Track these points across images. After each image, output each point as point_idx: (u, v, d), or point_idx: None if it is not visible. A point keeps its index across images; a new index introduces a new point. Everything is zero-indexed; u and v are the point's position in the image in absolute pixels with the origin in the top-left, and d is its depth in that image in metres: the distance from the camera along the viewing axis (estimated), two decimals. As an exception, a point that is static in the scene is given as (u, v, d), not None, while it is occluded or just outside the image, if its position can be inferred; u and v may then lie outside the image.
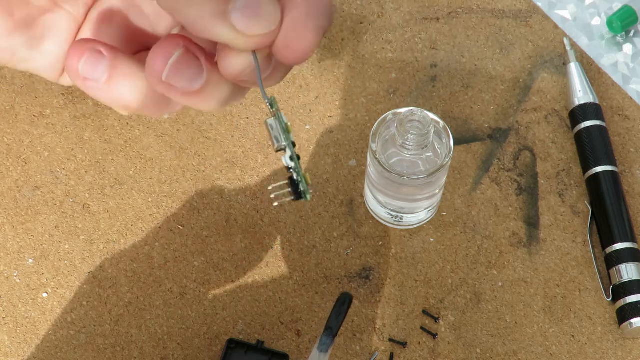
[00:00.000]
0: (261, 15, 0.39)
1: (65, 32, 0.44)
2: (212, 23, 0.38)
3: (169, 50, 0.41)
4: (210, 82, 0.42)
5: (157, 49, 0.41)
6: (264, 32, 0.39)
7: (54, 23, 0.44)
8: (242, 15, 0.38)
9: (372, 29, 0.57)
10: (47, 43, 0.44)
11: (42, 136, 0.53)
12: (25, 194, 0.51)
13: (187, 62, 0.41)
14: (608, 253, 0.50)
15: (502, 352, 0.48)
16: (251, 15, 0.38)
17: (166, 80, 0.41)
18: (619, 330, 0.49)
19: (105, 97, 0.43)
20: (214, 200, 0.52)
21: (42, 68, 0.44)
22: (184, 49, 0.41)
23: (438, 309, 0.49)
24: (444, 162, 0.46)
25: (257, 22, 0.38)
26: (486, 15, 0.58)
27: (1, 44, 0.42)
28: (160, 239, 0.50)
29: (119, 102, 0.44)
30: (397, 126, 0.45)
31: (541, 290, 0.50)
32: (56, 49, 0.44)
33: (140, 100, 0.44)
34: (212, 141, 0.53)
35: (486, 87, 0.56)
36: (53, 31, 0.44)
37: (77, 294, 0.49)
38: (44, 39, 0.43)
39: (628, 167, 0.53)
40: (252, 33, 0.38)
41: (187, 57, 0.41)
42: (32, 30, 0.43)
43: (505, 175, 0.53)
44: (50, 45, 0.44)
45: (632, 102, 0.55)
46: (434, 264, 0.50)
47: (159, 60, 0.41)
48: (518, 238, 0.51)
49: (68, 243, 0.50)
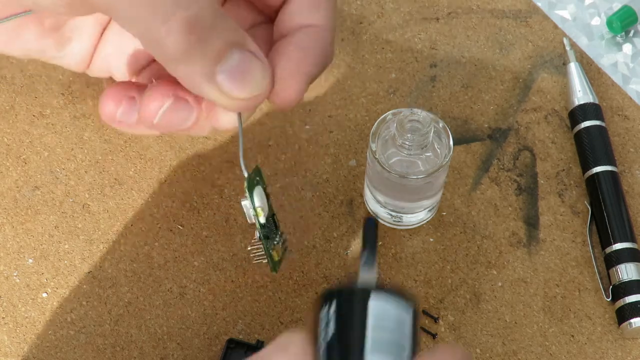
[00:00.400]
0: (247, 80, 0.39)
1: (90, 32, 0.47)
2: (200, 82, 0.39)
3: (160, 99, 0.42)
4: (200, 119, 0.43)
5: (148, 97, 0.42)
6: (249, 96, 0.39)
7: (80, 25, 0.46)
8: (228, 78, 0.38)
9: (372, 29, 0.57)
10: (74, 43, 0.46)
11: (42, 136, 0.53)
12: (25, 194, 0.51)
13: (177, 108, 0.42)
14: (607, 253, 0.50)
15: (502, 352, 0.48)
16: (237, 79, 0.38)
17: (157, 124, 0.42)
18: (618, 330, 0.49)
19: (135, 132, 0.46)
20: (214, 200, 0.52)
21: (69, 64, 0.47)
22: (174, 98, 0.42)
23: (437, 309, 0.49)
24: (443, 162, 0.46)
25: (242, 86, 0.38)
26: (486, 15, 0.58)
27: (33, 46, 0.45)
28: (160, 239, 0.50)
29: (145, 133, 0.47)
30: (396, 126, 0.45)
31: (541, 290, 0.50)
32: (82, 47, 0.47)
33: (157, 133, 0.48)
34: (212, 141, 0.53)
35: (486, 87, 0.56)
36: (79, 33, 0.46)
37: (77, 294, 0.49)
38: (71, 40, 0.46)
39: (628, 167, 0.53)
40: (236, 96, 0.39)
41: (177, 104, 0.42)
42: (60, 33, 0.45)
43: (505, 175, 0.53)
44: (77, 45, 0.46)
45: (631, 102, 0.55)
46: (433, 264, 0.50)
47: (151, 108, 0.42)
48: (518, 238, 0.51)
49: (68, 243, 0.50)
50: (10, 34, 0.44)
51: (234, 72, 0.38)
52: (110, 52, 0.47)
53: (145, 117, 0.42)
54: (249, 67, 0.39)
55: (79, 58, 0.47)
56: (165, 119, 0.42)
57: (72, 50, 0.46)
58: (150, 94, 0.42)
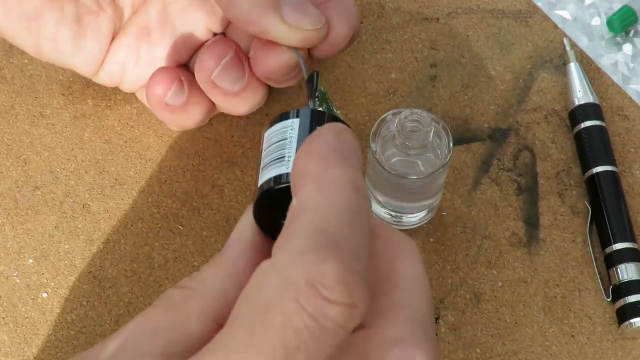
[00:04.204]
0: (309, 13, 0.43)
1: (105, 34, 0.47)
2: (264, 15, 0.42)
3: (222, 51, 0.44)
4: (249, 86, 0.45)
5: (209, 49, 0.45)
6: (312, 27, 0.42)
7: (97, 24, 0.47)
8: (293, 10, 0.42)
9: (372, 29, 0.57)
10: (88, 41, 0.47)
11: (42, 136, 0.53)
12: (25, 194, 0.51)
13: (233, 65, 0.45)
14: (608, 253, 0.50)
15: (502, 352, 0.48)
16: (300, 10, 0.42)
17: (213, 79, 0.44)
18: (618, 330, 0.49)
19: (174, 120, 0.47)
20: (214, 200, 0.52)
21: (79, 64, 0.48)
22: (234, 52, 0.44)
23: (438, 309, 0.49)
24: (443, 162, 0.46)
25: (305, 17, 0.42)
26: (486, 15, 0.58)
27: (48, 33, 0.46)
28: (160, 239, 0.50)
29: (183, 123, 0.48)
30: (396, 126, 0.45)
31: (541, 290, 0.50)
32: (95, 48, 0.47)
33: (198, 122, 0.49)
34: (212, 141, 0.53)
35: (486, 87, 0.56)
36: (95, 31, 0.47)
37: (77, 294, 0.49)
38: (86, 37, 0.47)
39: (628, 167, 0.53)
40: (301, 26, 0.42)
41: (235, 60, 0.45)
42: (77, 26, 0.46)
43: (505, 175, 0.53)
44: (90, 44, 0.47)
45: (631, 102, 0.55)
46: (433, 263, 0.50)
47: (212, 60, 0.44)
48: (518, 238, 0.51)
49: (68, 243, 0.50)
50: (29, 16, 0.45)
51: (297, 5, 0.42)
52: (124, 58, 0.48)
53: (204, 70, 0.45)
54: (306, 4, 0.43)
55: (92, 57, 0.47)
56: (222, 75, 0.44)
57: (86, 47, 0.47)
58: (209, 49, 0.44)
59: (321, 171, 0.29)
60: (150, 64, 0.48)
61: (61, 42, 0.46)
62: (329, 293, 0.26)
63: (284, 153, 0.33)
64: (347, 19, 0.45)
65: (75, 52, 0.47)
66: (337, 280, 0.26)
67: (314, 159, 0.29)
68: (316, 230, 0.27)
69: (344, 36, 0.45)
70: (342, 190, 0.28)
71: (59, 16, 0.45)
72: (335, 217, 0.28)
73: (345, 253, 0.27)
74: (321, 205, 0.28)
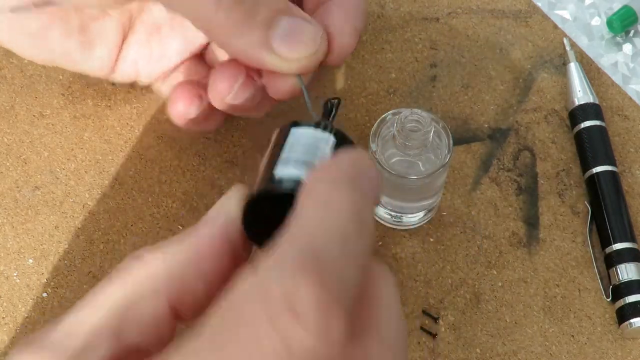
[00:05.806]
0: (300, 41, 0.41)
1: (113, 38, 0.48)
2: (258, 51, 0.41)
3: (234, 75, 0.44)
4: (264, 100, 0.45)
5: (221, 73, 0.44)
6: (305, 55, 0.41)
7: (104, 30, 0.47)
8: (282, 42, 0.40)
9: (372, 29, 0.57)
10: (97, 47, 0.47)
11: (42, 136, 0.53)
12: (25, 194, 0.51)
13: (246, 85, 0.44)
14: (608, 253, 0.50)
15: (502, 352, 0.48)
16: (290, 41, 0.40)
17: (228, 102, 0.44)
18: (618, 330, 0.49)
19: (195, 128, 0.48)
20: (214, 200, 0.51)
21: (91, 69, 0.49)
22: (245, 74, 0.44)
23: (438, 309, 0.49)
24: (443, 162, 0.46)
25: (297, 47, 0.40)
26: (486, 15, 0.58)
27: (58, 48, 0.46)
28: (160, 239, 0.50)
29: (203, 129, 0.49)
30: (396, 126, 0.45)
31: (541, 290, 0.50)
32: (105, 52, 0.48)
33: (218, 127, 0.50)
34: (212, 141, 0.53)
35: (486, 87, 0.56)
36: (103, 37, 0.47)
37: (77, 294, 0.49)
38: (94, 44, 0.47)
39: (628, 167, 0.53)
40: (293, 57, 0.40)
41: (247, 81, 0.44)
42: (84, 35, 0.47)
43: (505, 175, 0.53)
44: (100, 49, 0.48)
45: (631, 102, 0.55)
46: (433, 263, 0.50)
47: (225, 84, 0.44)
48: (518, 238, 0.51)
49: (68, 243, 0.50)
50: (35, 35, 0.45)
51: (287, 36, 0.40)
52: (136, 56, 0.48)
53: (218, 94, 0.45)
54: (299, 29, 0.40)
55: (103, 62, 0.48)
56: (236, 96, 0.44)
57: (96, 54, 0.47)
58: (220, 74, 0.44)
59: (329, 193, 0.29)
60: (163, 58, 0.48)
61: (70, 53, 0.46)
62: (303, 317, 0.25)
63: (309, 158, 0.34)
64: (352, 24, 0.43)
65: (85, 60, 0.47)
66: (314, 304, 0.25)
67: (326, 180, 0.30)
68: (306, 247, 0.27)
69: (349, 46, 0.43)
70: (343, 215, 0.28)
71: (65, 30, 0.45)
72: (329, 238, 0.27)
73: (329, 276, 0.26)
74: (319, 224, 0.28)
